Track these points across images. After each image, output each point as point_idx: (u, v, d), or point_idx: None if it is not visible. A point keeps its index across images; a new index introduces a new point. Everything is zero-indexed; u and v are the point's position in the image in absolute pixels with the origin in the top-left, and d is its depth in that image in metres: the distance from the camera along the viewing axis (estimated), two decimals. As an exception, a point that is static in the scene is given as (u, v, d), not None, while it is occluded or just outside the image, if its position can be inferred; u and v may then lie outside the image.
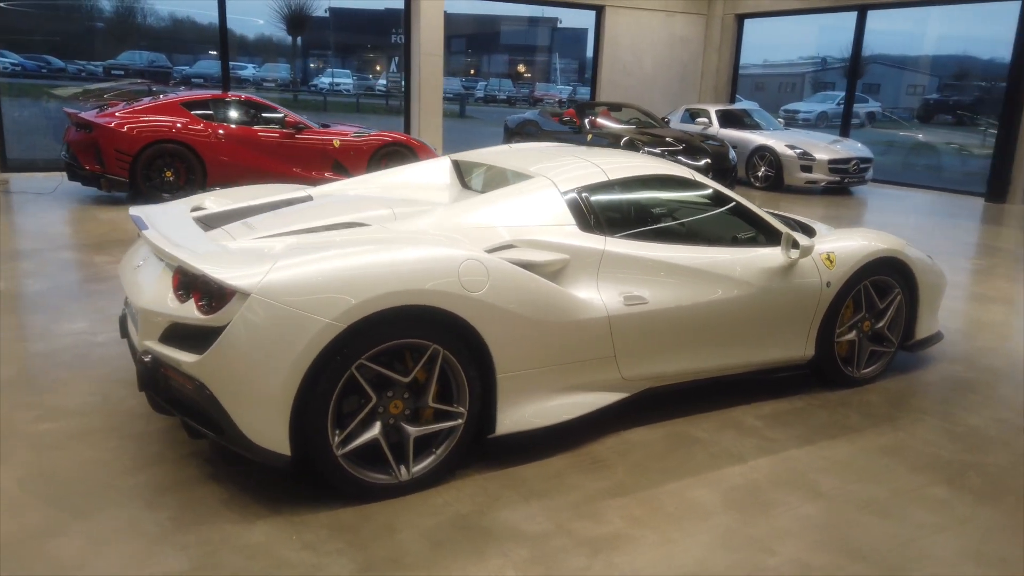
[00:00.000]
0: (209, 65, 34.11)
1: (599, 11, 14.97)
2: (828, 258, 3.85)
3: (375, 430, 2.83)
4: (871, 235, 4.13)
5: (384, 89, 34.53)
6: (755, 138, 12.33)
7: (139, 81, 22.87)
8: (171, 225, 3.23)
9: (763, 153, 11.99)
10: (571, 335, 3.17)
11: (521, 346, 3.04)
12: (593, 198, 3.48)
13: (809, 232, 4.24)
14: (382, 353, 2.77)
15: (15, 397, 3.64)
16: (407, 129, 13.48)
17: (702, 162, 10.32)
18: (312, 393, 2.66)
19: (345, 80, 36.22)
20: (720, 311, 3.57)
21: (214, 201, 3.87)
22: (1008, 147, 11.67)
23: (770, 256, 3.73)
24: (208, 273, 2.63)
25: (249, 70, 34.06)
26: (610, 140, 10.92)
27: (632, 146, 10.55)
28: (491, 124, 24.85)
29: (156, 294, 2.89)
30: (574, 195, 3.42)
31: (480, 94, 38.27)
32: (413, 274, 2.78)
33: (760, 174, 12.10)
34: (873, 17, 14.22)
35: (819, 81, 37.20)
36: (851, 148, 12.28)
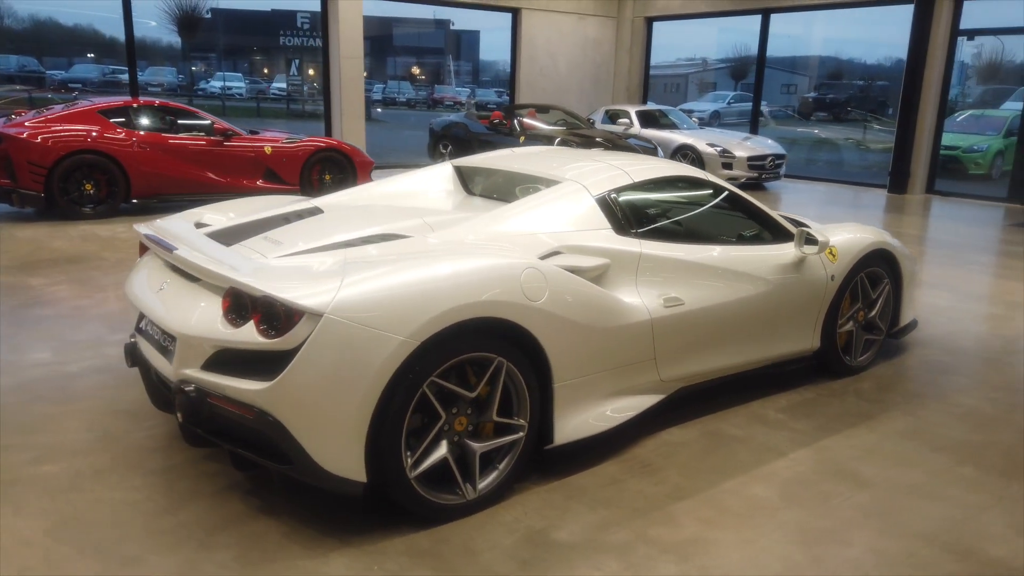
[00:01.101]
0: (87, 69, 32.11)
1: (515, 13, 15.04)
2: (831, 252, 4.00)
3: (443, 449, 2.72)
4: (860, 228, 4.32)
5: (283, 93, 33.48)
6: (676, 137, 12.69)
7: (19, 88, 21.26)
8: (192, 243, 3.00)
9: (685, 152, 12.35)
10: (619, 340, 3.15)
11: (576, 353, 3.00)
12: (622, 201, 3.47)
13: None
14: (449, 369, 2.67)
15: (130, 423, 3.33)
16: (328, 134, 13.11)
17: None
18: (386, 415, 2.53)
19: (237, 84, 34.93)
20: (745, 308, 3.64)
21: (214, 216, 3.63)
22: (906, 142, 12.50)
23: (784, 253, 3.84)
24: (273, 294, 2.45)
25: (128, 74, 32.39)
26: (543, 142, 10.98)
27: (566, 147, 10.64)
28: (401, 127, 24.56)
29: (198, 318, 2.67)
30: (605, 199, 3.41)
31: (378, 97, 37.68)
32: (480, 285, 2.69)
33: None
34: (756, 22, 14.93)
35: (703, 82, 38.82)
36: (765, 145, 12.83)
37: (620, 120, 13.48)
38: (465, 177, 4.20)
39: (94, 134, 8.29)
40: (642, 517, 2.83)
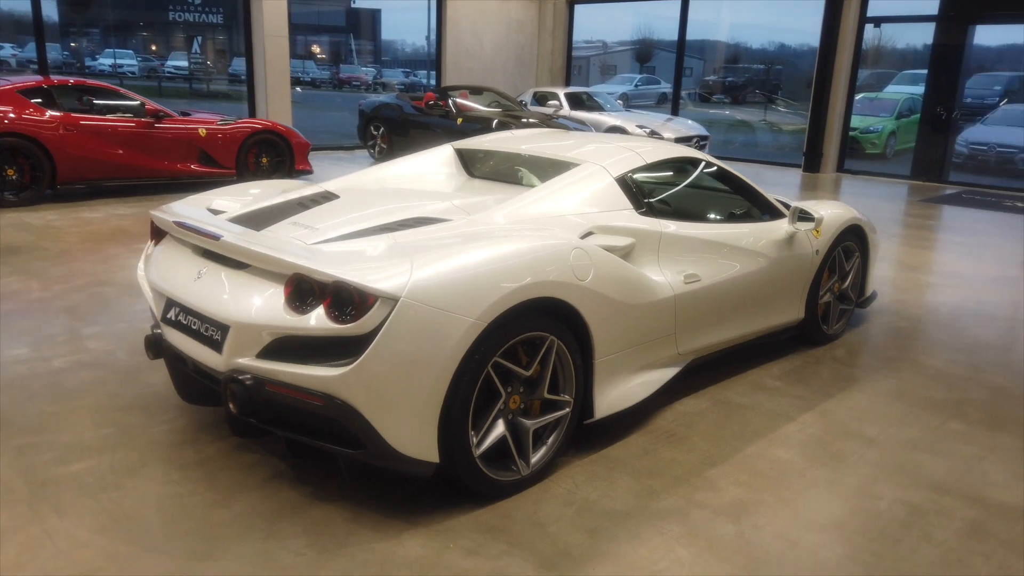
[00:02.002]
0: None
1: (439, -7, 14.90)
2: (816, 228, 4.25)
3: (500, 427, 2.78)
4: (835, 205, 4.60)
5: (180, 71, 31.95)
6: (606, 119, 12.93)
7: None
8: (229, 229, 2.92)
9: (615, 133, 12.60)
10: (649, 316, 3.27)
11: (614, 330, 3.10)
12: (639, 181, 3.58)
13: (786, 206, 4.63)
14: (508, 349, 2.72)
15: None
16: (252, 115, 12.68)
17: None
18: (456, 395, 2.56)
19: (128, 61, 33.09)
20: (749, 282, 3.83)
21: (224, 202, 3.52)
22: (819, 124, 13.18)
23: (778, 229, 4.05)
24: (347, 279, 2.43)
25: (7, 50, 30.20)
26: (480, 124, 10.99)
27: (505, 128, 10.69)
28: (313, 108, 23.90)
29: (255, 306, 2.61)
30: (625, 179, 3.50)
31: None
32: (539, 266, 2.75)
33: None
34: (668, 7, 15.40)
35: (605, 64, 39.54)
36: (688, 126, 13.25)
37: (550, 102, 13.62)
38: (466, 160, 4.21)
39: (12, 116, 7.75)
40: (684, 484, 2.97)
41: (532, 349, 2.83)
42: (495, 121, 10.92)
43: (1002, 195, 11.59)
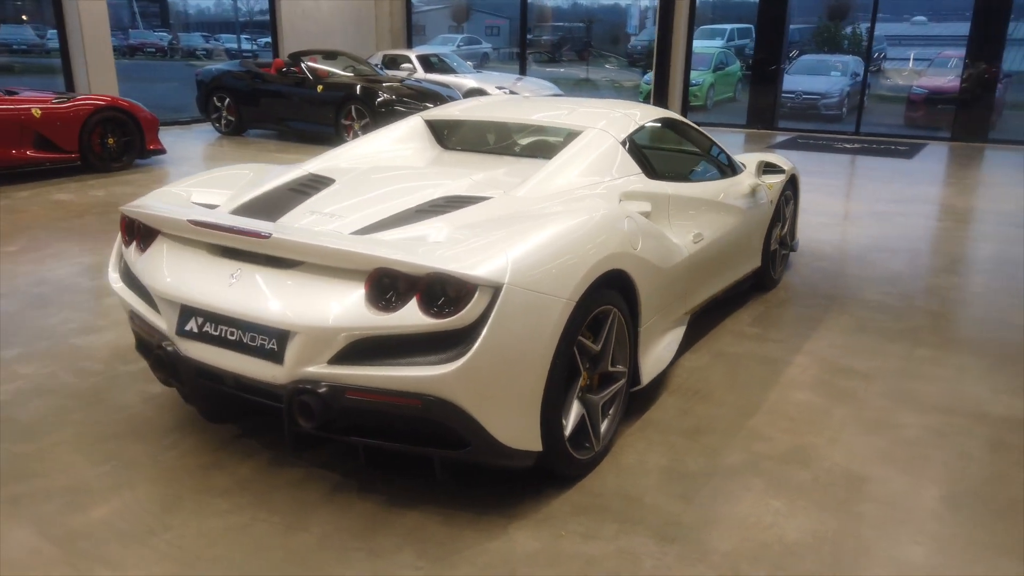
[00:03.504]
0: None
1: (268, -50, 13.89)
2: (786, 179, 4.48)
3: (577, 406, 2.71)
4: (774, 158, 4.84)
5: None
6: (465, 81, 12.76)
7: None
8: (250, 223, 2.59)
9: (475, 95, 12.48)
10: (675, 278, 3.31)
11: (654, 296, 3.10)
12: (639, 144, 3.57)
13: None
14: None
15: (144, 445, 2.64)
16: (71, 88, 11.28)
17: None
18: (553, 379, 2.47)
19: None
20: (733, 235, 3.97)
21: (205, 192, 3.11)
22: (663, 83, 13.80)
23: (745, 183, 4.21)
24: (444, 269, 2.24)
25: None
26: (344, 91, 10.48)
27: (370, 95, 10.28)
28: (130, 79, 21.52)
29: (324, 307, 2.34)
30: (630, 144, 3.48)
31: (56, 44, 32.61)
32: (608, 238, 2.68)
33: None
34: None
35: (415, 24, 38.95)
36: (543, 86, 13.40)
37: (403, 65, 13.23)
38: (437, 130, 3.98)
39: None
40: (736, 437, 3.06)
41: (595, 323, 2.77)
42: (358, 87, 10.46)
43: (831, 138, 12.77)
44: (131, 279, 2.95)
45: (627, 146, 3.46)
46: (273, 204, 2.96)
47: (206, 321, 2.56)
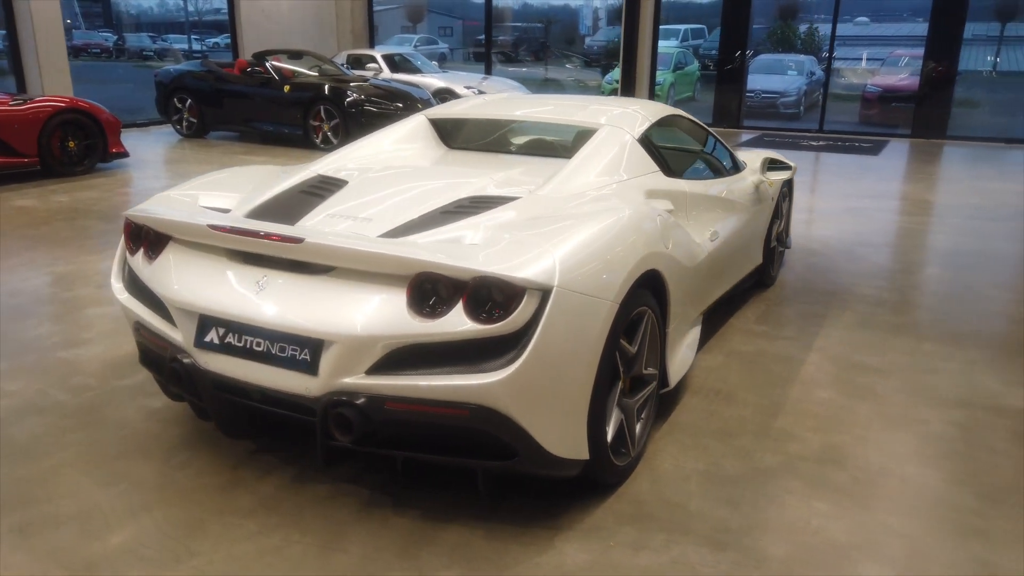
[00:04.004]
0: None
1: (226, -52, 13.54)
2: (791, 176, 4.47)
3: (615, 411, 2.63)
4: (771, 153, 4.84)
5: None
6: (432, 81, 12.62)
7: None
8: (294, 229, 2.45)
9: (445, 96, 12.34)
10: (697, 277, 3.26)
11: (681, 296, 3.04)
12: (653, 142, 3.51)
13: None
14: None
15: (154, 464, 2.45)
16: (22, 90, 10.83)
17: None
18: (599, 384, 2.38)
19: None
20: (743, 233, 3.95)
21: (213, 196, 2.95)
22: (629, 82, 13.84)
23: (748, 178, 4.19)
24: (492, 272, 2.14)
25: None
26: (312, 91, 10.26)
27: (339, 95, 10.07)
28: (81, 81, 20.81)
29: (363, 315, 2.22)
30: (644, 141, 3.42)
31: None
32: (645, 237, 2.61)
33: (445, 115, 12.49)
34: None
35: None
36: (511, 85, 13.33)
37: (368, 65, 13.02)
38: (442, 130, 3.87)
39: None
40: (767, 439, 3.02)
41: (630, 326, 2.70)
42: (326, 87, 10.25)
43: (797, 136, 12.95)
44: (137, 288, 2.79)
45: (643, 143, 3.39)
46: (288, 207, 2.82)
47: (228, 331, 2.42)
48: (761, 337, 4.04)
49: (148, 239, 2.71)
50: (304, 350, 2.29)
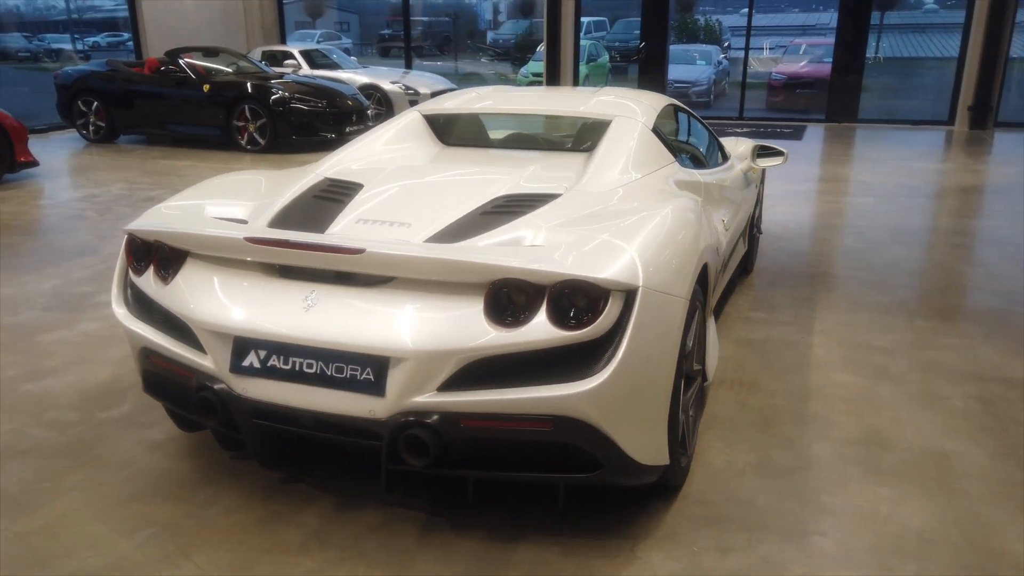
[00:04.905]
0: None
1: (123, -60, 12.72)
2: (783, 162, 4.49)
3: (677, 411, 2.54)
4: (746, 141, 4.86)
5: None
6: (356, 77, 12.22)
7: None
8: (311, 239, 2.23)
9: (369, 92, 12.00)
10: (721, 268, 3.21)
11: (712, 287, 2.99)
12: (662, 132, 3.43)
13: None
14: (683, 324, 2.48)
15: (176, 504, 2.15)
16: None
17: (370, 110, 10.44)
18: (676, 386, 2.29)
19: None
20: (741, 220, 3.93)
21: (221, 206, 2.68)
22: (554, 75, 13.84)
23: (739, 167, 4.18)
24: (578, 274, 2.00)
25: None
26: (234, 91, 9.76)
27: (264, 93, 9.62)
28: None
29: (437, 327, 2.05)
30: (657, 132, 3.33)
31: None
32: (700, 231, 2.52)
33: (371, 113, 12.13)
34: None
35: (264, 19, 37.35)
36: (436, 80, 13.07)
37: (286, 62, 12.50)
38: (437, 126, 3.66)
39: None
40: (805, 426, 3.00)
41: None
42: (249, 85, 9.77)
43: (721, 124, 13.18)
44: (146, 311, 2.51)
45: (657, 134, 3.31)
46: (309, 214, 2.59)
47: (271, 354, 2.19)
48: (762, 324, 4.04)
49: (159, 256, 2.43)
50: (367, 369, 2.09)
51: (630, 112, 3.32)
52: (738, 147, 4.62)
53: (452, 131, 3.68)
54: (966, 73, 12.01)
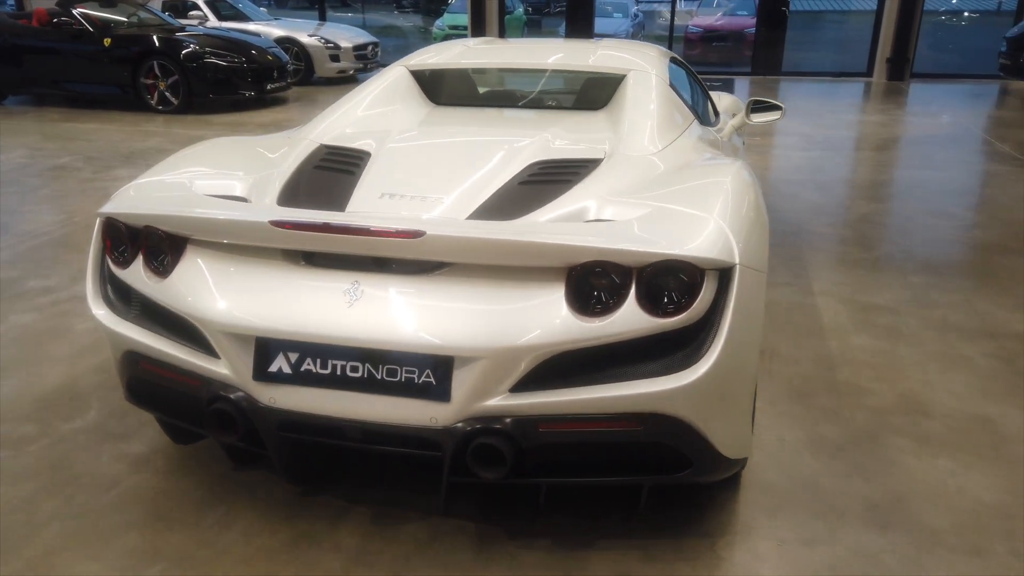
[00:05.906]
0: None
1: None
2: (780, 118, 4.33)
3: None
4: (731, 96, 4.69)
5: None
6: (270, 30, 11.40)
7: None
8: (326, 218, 1.89)
9: (287, 46, 11.22)
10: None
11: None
12: (677, 86, 3.19)
13: None
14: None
15: (182, 531, 1.77)
16: None
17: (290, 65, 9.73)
18: (757, 373, 2.09)
19: None
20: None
21: (212, 180, 2.27)
22: (480, 26, 13.33)
23: (731, 123, 4.00)
24: (676, 253, 1.75)
25: None
26: (140, 45, 8.92)
27: (173, 47, 8.83)
28: None
29: (511, 320, 1.76)
30: (673, 87, 3.08)
31: None
32: (758, 197, 2.30)
33: (290, 68, 11.37)
34: None
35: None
36: (357, 33, 12.40)
37: (191, 13, 11.55)
38: (427, 83, 3.28)
39: None
40: (841, 397, 2.88)
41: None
42: (155, 38, 8.95)
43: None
44: (132, 310, 2.11)
45: (673, 88, 3.07)
46: (320, 189, 2.23)
47: (305, 357, 1.86)
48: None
49: (149, 244, 2.03)
50: (426, 371, 1.80)
51: (642, 66, 3.06)
52: (721, 101, 4.44)
53: (442, 88, 3.32)
54: (884, 26, 12.26)
